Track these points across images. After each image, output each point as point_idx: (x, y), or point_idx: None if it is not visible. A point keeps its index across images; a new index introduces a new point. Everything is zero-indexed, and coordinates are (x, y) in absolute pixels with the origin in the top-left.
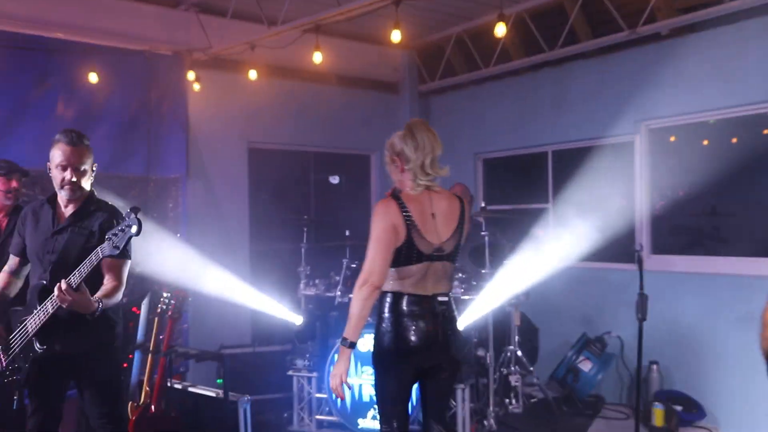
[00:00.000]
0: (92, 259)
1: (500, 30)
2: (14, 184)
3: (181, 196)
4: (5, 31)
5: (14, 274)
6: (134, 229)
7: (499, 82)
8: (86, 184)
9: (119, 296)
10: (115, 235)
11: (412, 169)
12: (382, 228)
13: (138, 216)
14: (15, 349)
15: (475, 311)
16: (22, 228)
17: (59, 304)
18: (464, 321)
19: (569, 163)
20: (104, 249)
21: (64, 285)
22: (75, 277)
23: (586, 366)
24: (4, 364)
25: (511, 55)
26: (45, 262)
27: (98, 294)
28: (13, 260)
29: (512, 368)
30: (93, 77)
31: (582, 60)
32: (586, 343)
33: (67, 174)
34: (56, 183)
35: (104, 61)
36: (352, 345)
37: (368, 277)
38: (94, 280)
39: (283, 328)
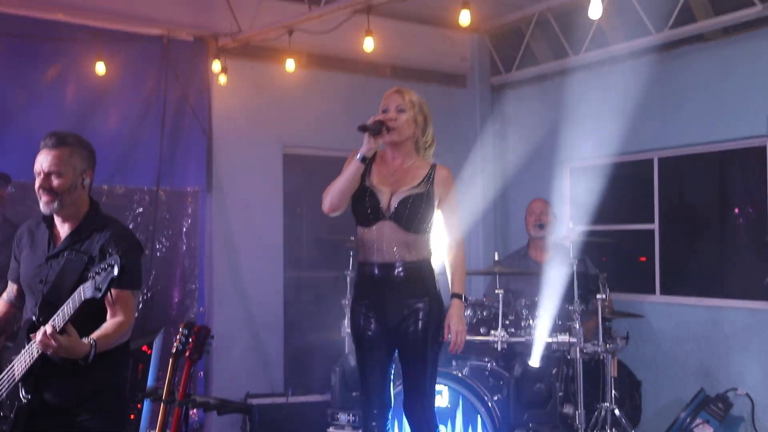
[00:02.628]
0: (75, 299)
1: (595, 10)
2: None
3: (200, 213)
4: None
5: (14, 304)
6: (116, 270)
7: (592, 72)
8: (72, 194)
9: (125, 334)
10: (98, 273)
11: (419, 143)
12: None
13: (118, 254)
14: (1, 394)
15: (559, 356)
16: (17, 250)
17: (41, 350)
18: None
19: (681, 173)
20: (86, 289)
21: (49, 329)
22: (59, 319)
23: None
24: None
25: (608, 38)
26: (37, 293)
27: (95, 334)
28: (11, 288)
29: (608, 431)
30: (99, 68)
31: (699, 44)
32: (705, 403)
33: (40, 179)
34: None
35: (112, 49)
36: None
37: (462, 241)
38: (100, 313)
39: (323, 373)
